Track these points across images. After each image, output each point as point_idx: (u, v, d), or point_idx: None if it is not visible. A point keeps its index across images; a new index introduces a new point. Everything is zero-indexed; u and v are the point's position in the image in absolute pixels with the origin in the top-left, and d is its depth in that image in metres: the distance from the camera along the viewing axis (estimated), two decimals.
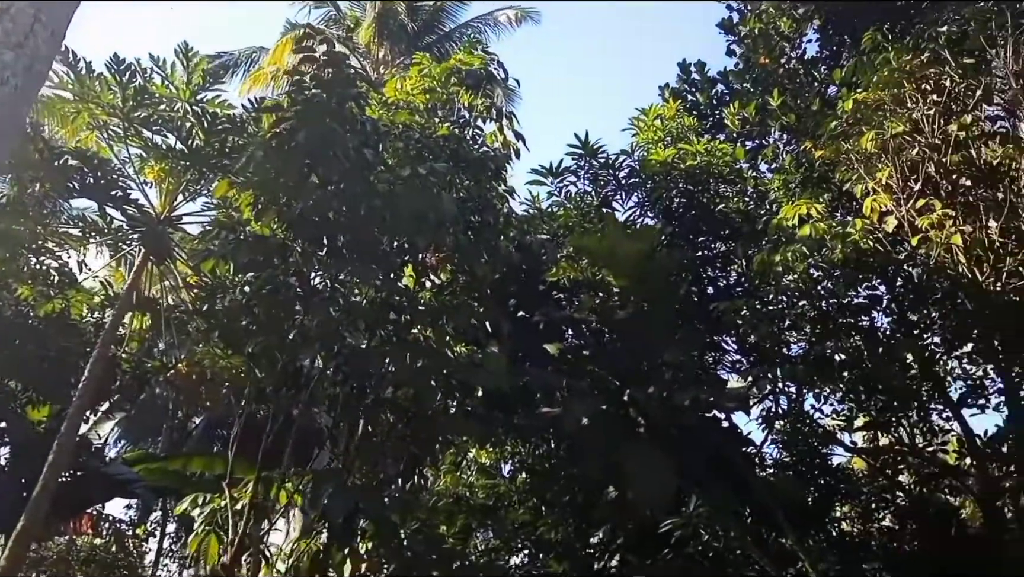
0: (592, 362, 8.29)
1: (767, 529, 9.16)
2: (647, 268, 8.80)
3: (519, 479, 10.32)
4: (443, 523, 9.72)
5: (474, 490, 10.23)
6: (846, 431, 9.94)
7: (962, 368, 9.93)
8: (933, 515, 9.89)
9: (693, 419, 7.79)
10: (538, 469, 9.81)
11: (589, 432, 8.06)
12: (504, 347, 8.84)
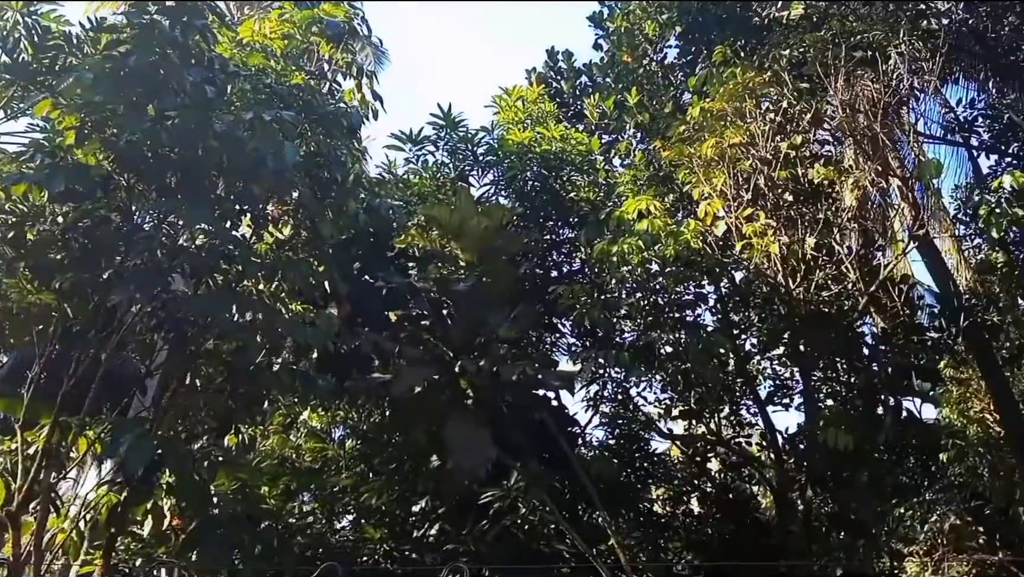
0: (429, 332, 8.45)
1: (583, 506, 9.73)
2: (494, 245, 9.08)
3: (349, 444, 10.37)
4: (266, 484, 9.62)
5: (301, 453, 10.17)
6: (665, 419, 10.64)
7: (772, 369, 10.92)
8: (735, 502, 10.85)
9: (520, 395, 8.13)
10: (368, 435, 9.90)
11: (418, 400, 8.25)
12: (343, 309, 8.84)
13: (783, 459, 10.07)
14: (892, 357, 10.01)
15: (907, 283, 10.48)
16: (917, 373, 10.30)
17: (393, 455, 9.46)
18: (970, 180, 12.40)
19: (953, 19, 10.17)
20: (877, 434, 9.32)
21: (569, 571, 8.99)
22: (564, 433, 9.26)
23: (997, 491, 11.80)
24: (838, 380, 10.48)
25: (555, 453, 9.24)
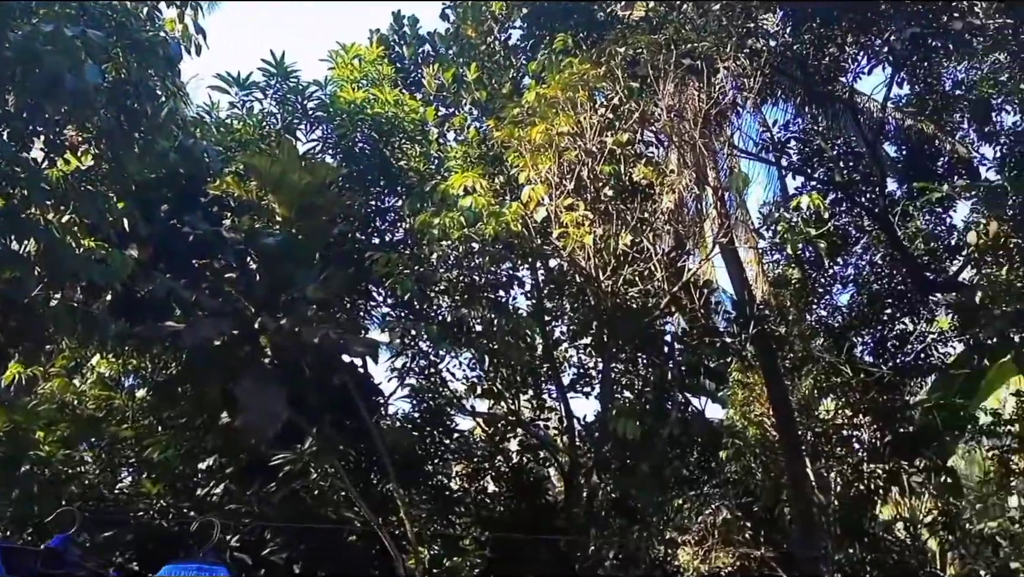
0: (232, 284, 8.36)
1: (376, 475, 9.99)
2: (314, 202, 9.09)
3: (139, 395, 10.04)
4: (41, 429, 9.16)
5: (85, 399, 9.73)
6: (470, 396, 11.10)
7: (578, 357, 11.66)
8: (528, 483, 11.50)
9: (323, 358, 8.24)
10: (160, 386, 9.63)
11: (214, 354, 8.15)
12: (143, 251, 8.54)
13: (576, 444, 10.81)
14: (686, 356, 11.00)
15: (709, 288, 11.51)
16: (707, 373, 11.40)
17: (184, 409, 9.29)
18: (776, 198, 13.78)
19: (779, 42, 11.21)
20: (664, 427, 10.22)
21: (355, 539, 9.25)
22: (366, 401, 9.46)
23: (767, 490, 13.25)
24: (636, 373, 11.37)
25: (354, 421, 9.44)
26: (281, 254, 8.30)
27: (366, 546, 9.74)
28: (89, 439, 9.89)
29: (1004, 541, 11.07)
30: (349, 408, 9.36)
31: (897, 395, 12.89)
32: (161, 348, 9.49)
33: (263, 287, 8.26)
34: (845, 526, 12.75)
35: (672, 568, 14.14)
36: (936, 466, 12.93)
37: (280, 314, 8.13)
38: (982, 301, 9.63)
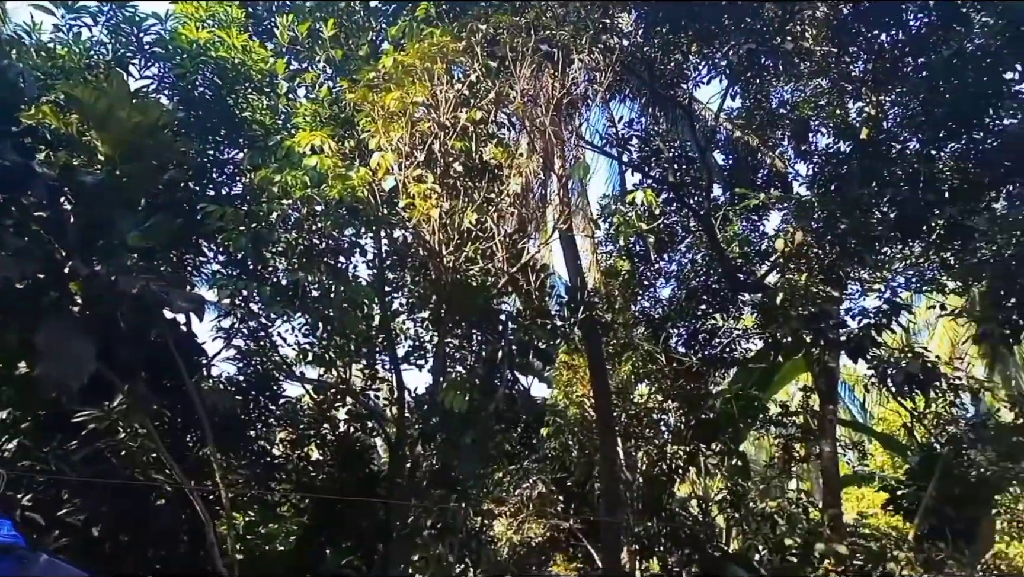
0: (42, 224, 7.50)
1: (193, 438, 9.40)
2: (143, 144, 8.33)
3: None
4: None
5: None
6: (301, 362, 10.68)
7: (415, 330, 11.54)
8: (353, 452, 11.29)
9: (141, 311, 7.58)
10: None
11: (15, 297, 7.30)
12: None
13: (405, 416, 10.71)
14: (518, 335, 11.16)
15: (545, 272, 11.75)
16: (536, 353, 11.62)
17: None
18: (615, 191, 14.28)
19: (631, 42, 11.55)
20: (491, 403, 10.31)
21: (164, 502, 8.67)
22: (187, 361, 8.84)
23: (580, 466, 13.80)
24: (470, 349, 11.41)
25: (172, 380, 8.81)
26: (100, 195, 7.53)
27: (175, 510, 9.16)
28: None
29: (780, 520, 12.13)
30: (167, 366, 8.71)
31: (703, 384, 13.81)
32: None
33: (77, 229, 7.46)
34: (646, 501, 13.54)
35: (487, 537, 14.45)
36: (730, 450, 13.98)
37: (95, 260, 7.39)
38: (781, 303, 10.41)
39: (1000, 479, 12.11)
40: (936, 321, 17.81)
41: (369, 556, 11.21)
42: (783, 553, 12.10)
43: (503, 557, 14.52)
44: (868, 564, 10.59)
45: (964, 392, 12.37)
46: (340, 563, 11.12)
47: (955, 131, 10.27)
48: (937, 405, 12.09)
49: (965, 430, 11.90)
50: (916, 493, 12.12)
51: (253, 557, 10.33)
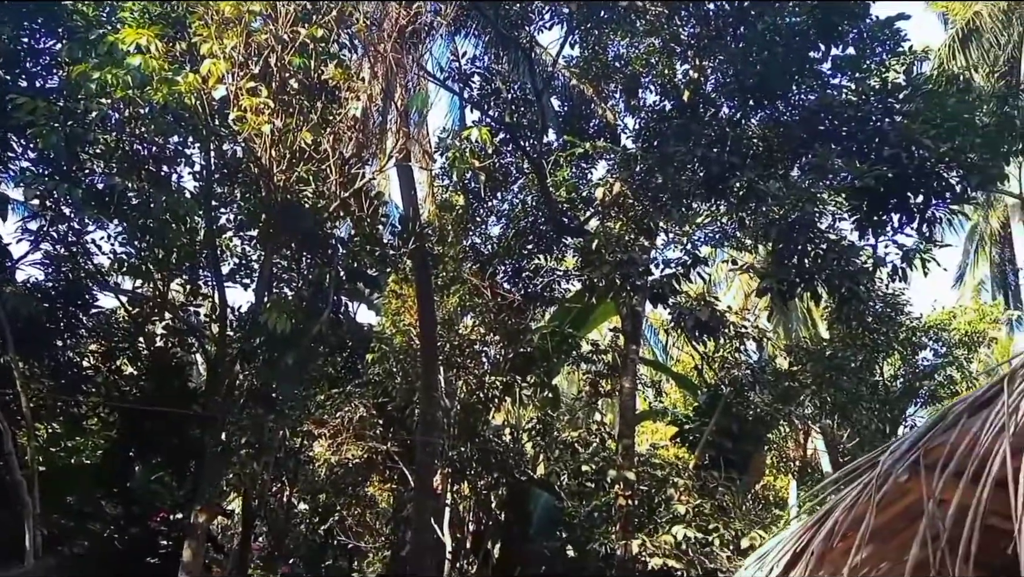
0: None
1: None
2: None
3: None
4: None
5: None
6: (117, 272, 10.20)
7: (242, 247, 11.31)
8: (169, 368, 11.03)
9: None
10: None
11: None
12: None
13: (227, 334, 10.55)
14: (347, 260, 11.24)
15: (380, 199, 11.84)
16: (365, 280, 11.77)
17: None
18: (455, 127, 14.47)
19: None
20: (315, 326, 10.37)
21: None
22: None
23: (401, 392, 14.20)
24: (298, 271, 11.35)
25: None
26: None
27: None
28: None
29: (581, 448, 13.23)
30: None
31: (523, 319, 14.53)
32: None
33: None
34: (462, 428, 14.21)
35: (306, 457, 14.64)
36: (543, 383, 14.91)
37: None
38: (597, 247, 11.15)
39: (773, 419, 13.82)
40: (733, 275, 19.62)
41: (181, 473, 11.11)
42: (581, 478, 13.22)
43: (320, 477, 14.79)
44: (652, 489, 11.81)
45: (749, 340, 13.88)
46: (149, 479, 10.96)
47: (762, 101, 11.29)
48: (724, 350, 13.50)
49: (746, 373, 13.41)
50: (700, 428, 13.56)
51: (56, 469, 9.95)
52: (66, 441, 10.64)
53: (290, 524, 14.81)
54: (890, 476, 3.14)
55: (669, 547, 9.73)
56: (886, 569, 3.71)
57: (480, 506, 14.38)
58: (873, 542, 3.43)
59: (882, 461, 3.22)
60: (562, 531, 12.49)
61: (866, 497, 3.19)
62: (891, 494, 3.21)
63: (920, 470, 3.02)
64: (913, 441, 3.18)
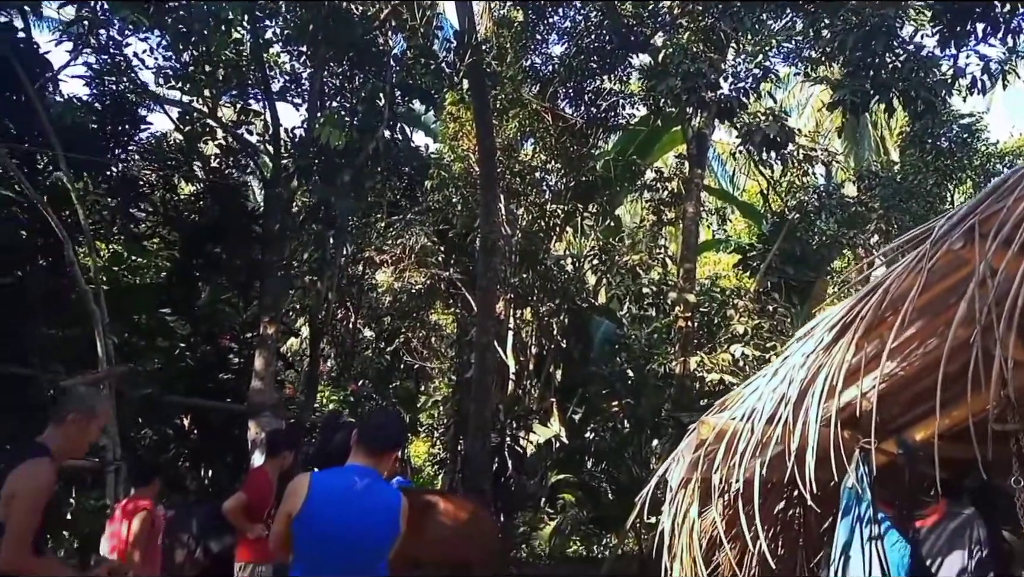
0: None
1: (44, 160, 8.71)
2: None
3: None
4: None
5: None
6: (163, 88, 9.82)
7: (290, 64, 10.77)
8: (225, 187, 10.84)
9: None
10: None
11: None
12: None
13: (281, 152, 10.23)
14: (401, 75, 10.61)
15: (432, 9, 10.98)
16: (420, 96, 11.16)
17: None
18: None
19: None
20: (370, 142, 9.92)
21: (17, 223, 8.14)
22: (29, 73, 7.93)
23: (461, 220, 13.87)
24: (350, 88, 10.80)
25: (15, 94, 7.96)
26: None
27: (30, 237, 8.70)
28: None
29: (643, 273, 12.84)
30: (5, 79, 7.85)
31: (586, 145, 13.80)
32: None
33: None
34: (523, 256, 13.94)
35: (369, 285, 14.69)
36: (605, 211, 14.37)
37: None
38: (664, 60, 10.24)
39: (838, 245, 13.07)
40: (806, 103, 18.28)
41: (246, 295, 11.17)
42: (642, 302, 12.93)
43: (384, 304, 14.90)
44: (712, 311, 11.45)
45: (817, 163, 12.94)
46: (217, 299, 11.06)
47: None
48: (792, 174, 12.64)
49: (813, 199, 12.58)
50: (763, 254, 12.92)
51: (119, 288, 10.02)
52: (128, 260, 10.67)
53: (356, 348, 15.11)
54: (944, 243, 2.96)
55: (727, 364, 9.47)
56: (932, 346, 3.48)
57: (542, 331, 14.34)
58: (922, 317, 3.33)
59: (936, 228, 3.04)
60: (622, 354, 12.35)
61: (918, 267, 3.00)
62: (943, 266, 3.05)
63: (975, 237, 2.85)
64: (969, 209, 2.98)
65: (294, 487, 3.33)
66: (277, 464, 6.24)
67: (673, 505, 4.41)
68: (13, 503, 3.15)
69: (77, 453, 3.63)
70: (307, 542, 3.21)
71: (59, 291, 8.43)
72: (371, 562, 3.28)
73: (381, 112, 9.83)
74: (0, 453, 4.63)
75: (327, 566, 3.19)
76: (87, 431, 3.49)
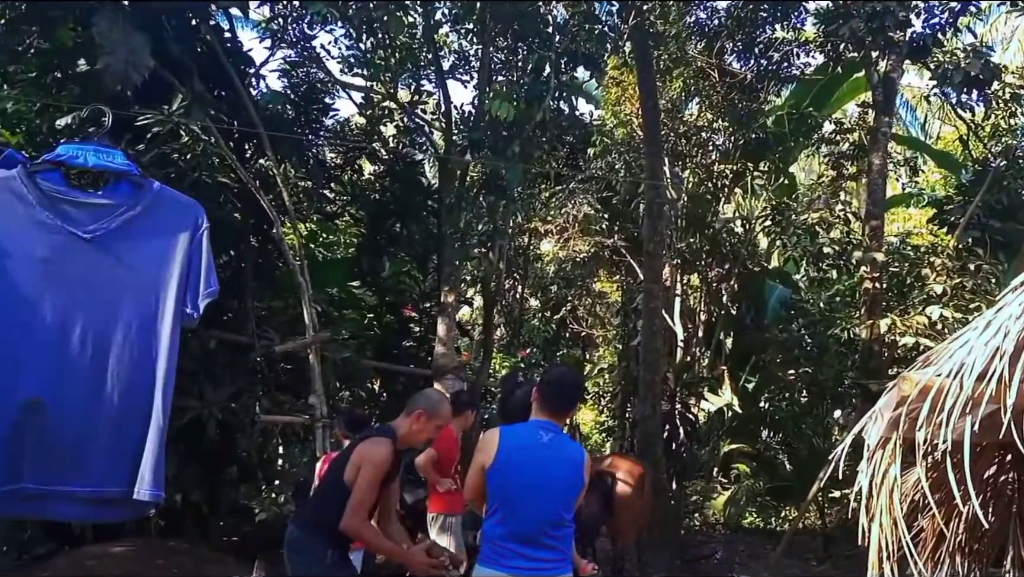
0: None
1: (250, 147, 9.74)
2: None
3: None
4: None
5: None
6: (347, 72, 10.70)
7: (459, 43, 11.35)
8: (404, 166, 11.64)
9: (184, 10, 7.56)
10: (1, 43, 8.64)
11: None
12: None
13: (452, 128, 10.84)
14: (565, 43, 10.88)
15: None
16: (585, 61, 11.38)
17: (32, 63, 8.45)
18: None
19: None
20: (537, 112, 10.29)
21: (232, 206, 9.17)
22: (236, 69, 8.93)
23: (625, 186, 14.02)
24: (515, 63, 11.22)
25: (224, 87, 8.98)
26: None
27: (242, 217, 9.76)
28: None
29: (822, 231, 12.41)
30: (217, 76, 8.87)
31: (755, 100, 13.47)
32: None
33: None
34: (690, 220, 13.91)
35: (534, 255, 15.21)
36: (778, 169, 14.00)
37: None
38: (844, 2, 9.84)
39: None
40: (1012, 35, 16.76)
41: (424, 266, 11.99)
42: (821, 263, 12.55)
43: (549, 273, 15.38)
44: (903, 271, 10.92)
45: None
46: (399, 271, 11.94)
47: None
48: (996, 117, 11.76)
49: (1021, 141, 11.64)
50: (963, 207, 12.13)
51: (315, 264, 11.07)
52: (322, 237, 11.75)
53: (523, 317, 15.73)
54: None
55: (922, 327, 9.07)
56: None
57: (711, 297, 14.29)
58: None
59: None
60: (798, 319, 12.09)
61: None
62: None
63: None
64: None
65: (485, 441, 3.70)
66: (461, 422, 6.85)
67: (871, 465, 4.38)
68: (361, 473, 3.77)
69: (414, 443, 4.26)
70: (501, 491, 3.55)
71: (268, 267, 9.49)
72: (559, 510, 3.60)
73: (547, 82, 10.18)
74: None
75: (520, 513, 3.52)
76: (426, 428, 4.08)
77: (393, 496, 4.32)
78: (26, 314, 2.96)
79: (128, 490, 3.05)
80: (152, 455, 3.05)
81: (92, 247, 3.09)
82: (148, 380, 3.09)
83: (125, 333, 3.08)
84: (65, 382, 3.03)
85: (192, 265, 3.19)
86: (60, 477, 3.00)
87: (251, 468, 9.35)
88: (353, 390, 10.65)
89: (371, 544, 4.32)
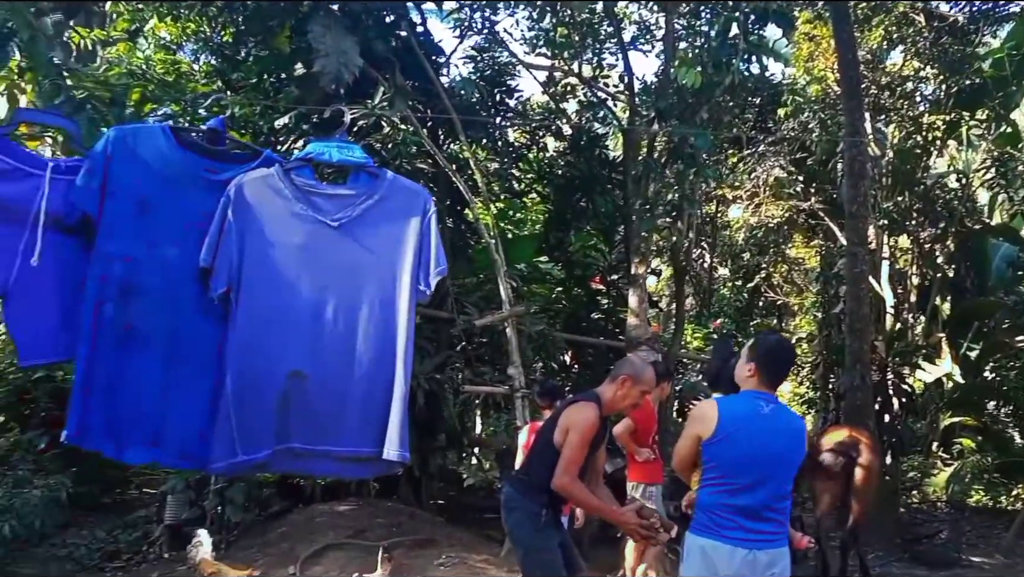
0: None
1: (443, 133, 10.29)
2: None
3: (203, 60, 10.18)
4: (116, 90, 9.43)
5: (152, 65, 9.89)
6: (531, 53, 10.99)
7: (639, 13, 11.28)
8: (587, 140, 11.78)
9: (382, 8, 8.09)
10: (223, 50, 9.71)
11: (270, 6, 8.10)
12: None
13: (636, 100, 10.83)
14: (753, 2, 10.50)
15: None
16: (776, 19, 10.92)
17: (252, 70, 9.42)
18: None
19: None
20: (726, 76, 10.05)
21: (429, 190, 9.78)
22: (427, 57, 9.44)
23: (821, 145, 13.31)
24: (699, 30, 11.00)
25: (418, 78, 9.53)
26: None
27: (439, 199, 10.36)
28: (167, 97, 10.07)
29: None
30: (411, 63, 9.42)
31: (968, 44, 12.32)
32: (217, 11, 9.43)
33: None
34: (897, 177, 12.98)
35: (722, 223, 14.85)
36: (999, 116, 12.72)
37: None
38: None
39: None
40: None
41: (610, 238, 12.11)
42: None
43: (739, 241, 14.97)
44: None
45: None
46: (585, 244, 12.15)
47: None
48: None
49: None
50: None
51: (506, 241, 11.52)
52: (511, 215, 12.18)
53: (713, 286, 15.44)
54: None
55: None
56: None
57: (923, 259, 13.30)
58: None
59: None
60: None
61: None
62: None
63: None
64: None
65: (702, 413, 3.68)
66: (657, 393, 6.90)
67: None
68: (569, 435, 3.98)
69: (619, 408, 4.36)
70: (722, 463, 3.52)
71: (463, 245, 10.02)
72: (783, 482, 3.59)
73: (735, 44, 9.89)
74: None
75: (744, 485, 3.50)
76: (630, 393, 4.16)
77: (600, 460, 4.46)
78: (289, 296, 3.36)
79: (378, 450, 3.39)
80: (397, 420, 3.39)
81: (339, 234, 3.43)
82: (391, 352, 3.42)
83: (370, 310, 3.41)
84: (322, 355, 3.39)
85: (423, 246, 3.47)
86: (323, 438, 3.39)
87: (456, 436, 9.98)
88: (546, 362, 11.02)
89: (582, 502, 4.48)
